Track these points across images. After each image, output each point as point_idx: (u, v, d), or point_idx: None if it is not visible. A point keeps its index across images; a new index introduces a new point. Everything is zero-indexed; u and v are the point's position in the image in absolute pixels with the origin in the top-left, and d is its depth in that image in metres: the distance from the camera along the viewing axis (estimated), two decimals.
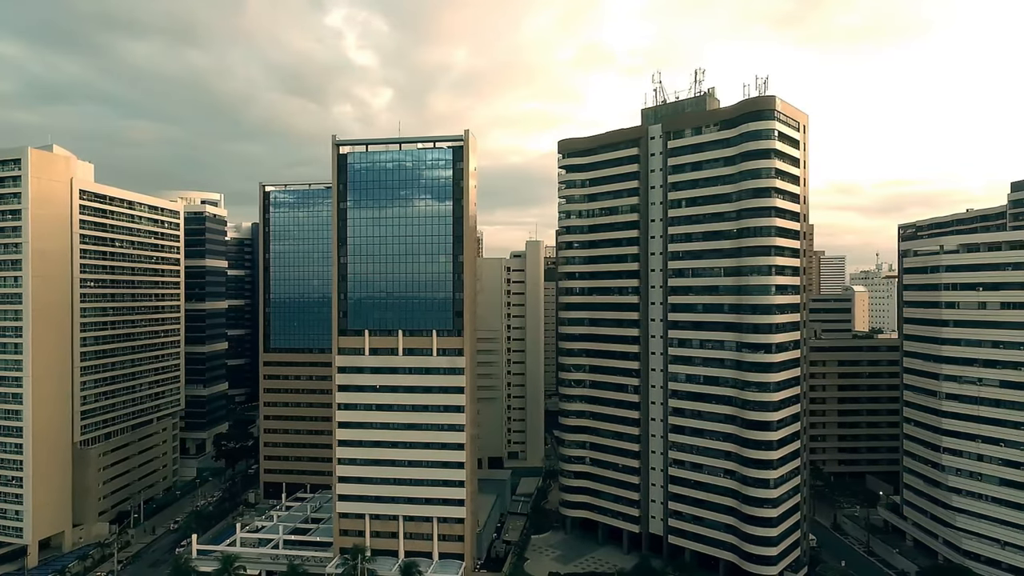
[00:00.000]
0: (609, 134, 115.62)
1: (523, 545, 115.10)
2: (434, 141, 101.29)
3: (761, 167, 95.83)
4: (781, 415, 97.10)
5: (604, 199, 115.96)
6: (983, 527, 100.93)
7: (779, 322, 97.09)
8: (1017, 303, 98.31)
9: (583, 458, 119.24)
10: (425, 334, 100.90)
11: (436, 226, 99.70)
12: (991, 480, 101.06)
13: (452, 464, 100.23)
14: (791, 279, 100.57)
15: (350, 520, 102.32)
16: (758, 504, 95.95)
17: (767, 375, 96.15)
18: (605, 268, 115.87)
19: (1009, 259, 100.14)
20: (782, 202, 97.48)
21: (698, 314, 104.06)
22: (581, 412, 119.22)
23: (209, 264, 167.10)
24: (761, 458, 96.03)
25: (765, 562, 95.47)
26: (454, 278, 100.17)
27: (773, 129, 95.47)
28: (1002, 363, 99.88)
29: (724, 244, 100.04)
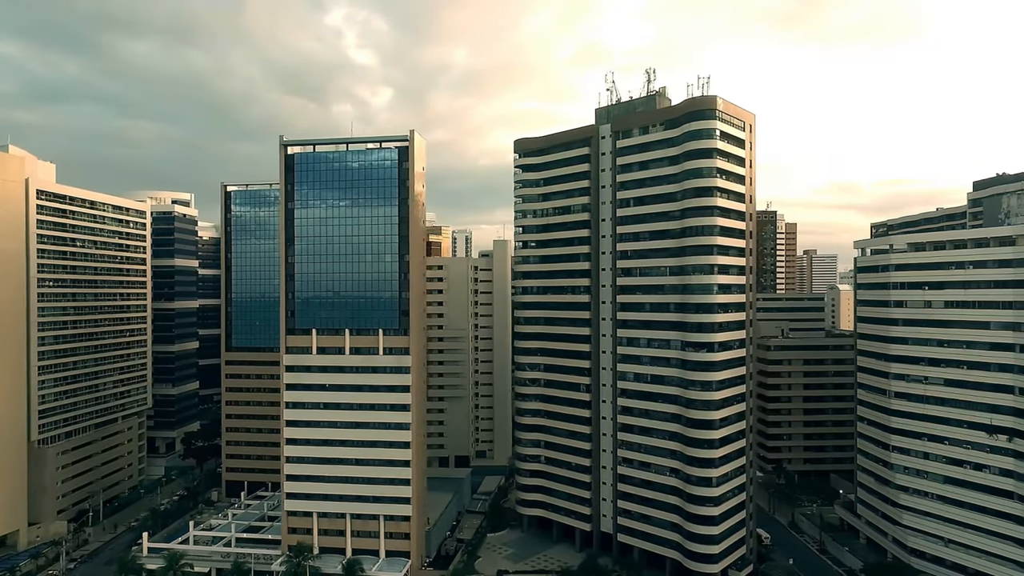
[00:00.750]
0: (562, 134, 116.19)
1: (477, 543, 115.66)
2: (380, 142, 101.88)
3: (703, 166, 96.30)
4: (723, 414, 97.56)
5: (557, 199, 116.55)
6: (928, 525, 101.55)
7: (722, 321, 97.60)
8: (960, 302, 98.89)
9: (538, 457, 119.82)
10: (372, 333, 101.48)
11: (382, 226, 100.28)
12: (936, 478, 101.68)
13: (398, 462, 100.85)
14: (736, 278, 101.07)
15: (299, 518, 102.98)
16: (700, 502, 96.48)
17: (709, 374, 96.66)
18: (558, 267, 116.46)
19: (952, 258, 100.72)
20: (725, 201, 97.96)
21: (645, 313, 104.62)
22: (536, 411, 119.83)
23: (178, 264, 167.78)
24: (703, 456, 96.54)
25: (707, 560, 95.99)
26: (400, 278, 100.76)
27: (714, 129, 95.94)
28: (946, 361, 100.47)
29: (669, 243, 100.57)
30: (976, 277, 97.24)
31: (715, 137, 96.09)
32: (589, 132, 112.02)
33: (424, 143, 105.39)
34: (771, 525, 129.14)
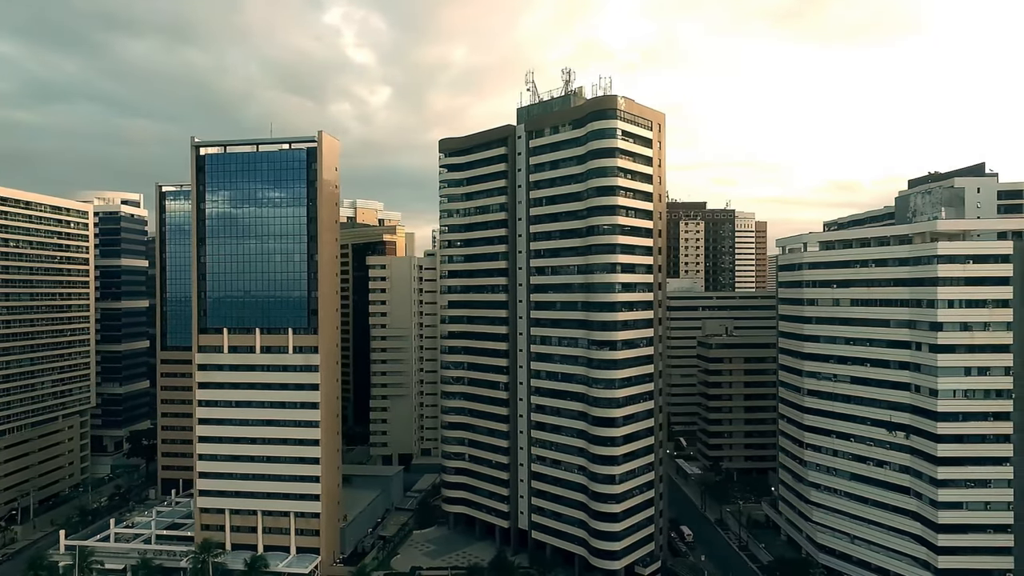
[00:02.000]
0: (482, 133, 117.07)
1: (400, 540, 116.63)
2: (289, 143, 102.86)
3: (605, 166, 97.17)
4: (627, 411, 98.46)
5: (479, 198, 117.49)
6: (836, 521, 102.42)
7: (625, 320, 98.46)
8: (863, 300, 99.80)
9: (462, 455, 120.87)
10: (282, 332, 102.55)
11: (291, 226, 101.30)
12: (843, 475, 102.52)
13: (308, 460, 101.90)
14: (642, 277, 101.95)
15: (212, 515, 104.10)
16: (603, 500, 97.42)
17: (611, 372, 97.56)
18: (479, 267, 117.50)
19: (856, 256, 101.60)
20: (628, 200, 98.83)
21: (556, 312, 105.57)
22: (460, 410, 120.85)
23: (125, 264, 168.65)
24: (606, 454, 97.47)
25: (609, 556, 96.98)
26: (309, 277, 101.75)
27: (615, 128, 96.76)
28: (852, 359, 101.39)
29: (576, 242, 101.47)
30: (877, 275, 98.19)
31: (616, 137, 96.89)
32: (507, 132, 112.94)
33: (337, 144, 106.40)
34: (700, 522, 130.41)
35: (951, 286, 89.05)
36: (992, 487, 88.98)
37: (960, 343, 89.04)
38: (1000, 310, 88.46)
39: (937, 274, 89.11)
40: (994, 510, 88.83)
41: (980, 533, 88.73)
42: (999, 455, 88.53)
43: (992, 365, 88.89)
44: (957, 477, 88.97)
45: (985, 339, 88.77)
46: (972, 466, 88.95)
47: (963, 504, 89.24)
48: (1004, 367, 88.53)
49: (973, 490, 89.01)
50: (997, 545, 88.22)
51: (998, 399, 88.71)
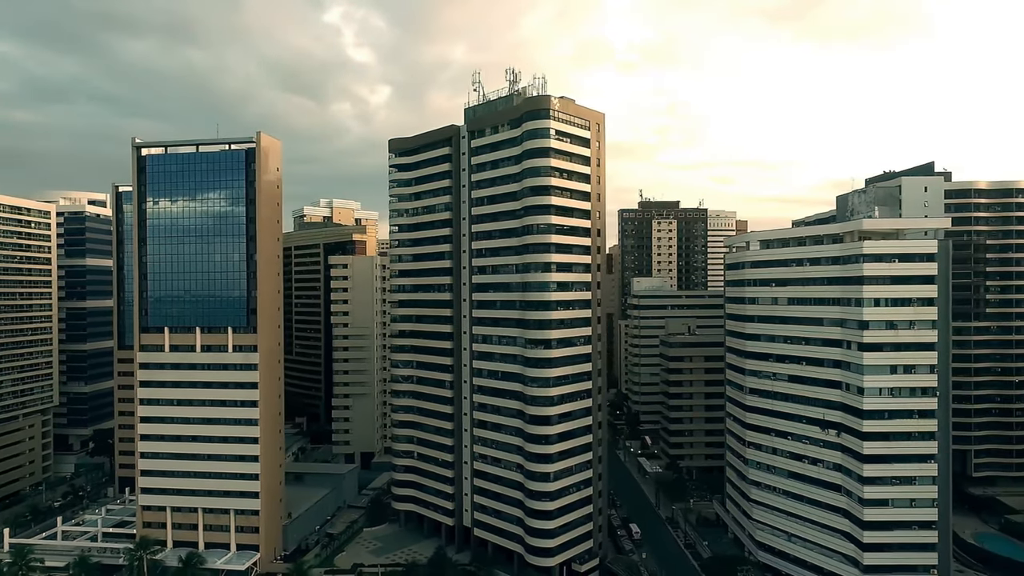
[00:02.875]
0: (429, 133, 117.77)
1: (348, 538, 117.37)
2: (229, 143, 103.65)
3: (539, 166, 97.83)
4: (561, 409, 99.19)
5: (426, 198, 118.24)
6: (774, 519, 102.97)
7: (560, 318, 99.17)
8: (798, 298, 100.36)
9: (412, 453, 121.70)
10: (221, 331, 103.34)
11: (230, 226, 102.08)
12: (781, 473, 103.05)
13: (248, 458, 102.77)
14: (580, 276, 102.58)
15: (154, 512, 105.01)
16: (537, 497, 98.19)
17: (546, 370, 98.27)
18: (426, 266, 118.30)
19: (792, 255, 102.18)
20: (564, 200, 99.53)
21: (496, 311, 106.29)
22: (409, 408, 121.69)
23: (91, 263, 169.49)
24: (540, 452, 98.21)
25: (543, 553, 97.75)
26: (248, 277, 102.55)
27: (548, 128, 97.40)
28: (790, 358, 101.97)
29: (513, 242, 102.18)
30: (811, 274, 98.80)
31: (549, 137, 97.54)
32: (451, 132, 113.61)
33: (279, 144, 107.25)
34: (653, 520, 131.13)
35: (877, 285, 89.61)
36: (917, 484, 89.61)
37: (886, 341, 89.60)
38: (925, 308, 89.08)
39: (863, 273, 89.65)
40: (920, 507, 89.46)
41: (905, 530, 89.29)
42: (925, 453, 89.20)
43: (918, 363, 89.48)
44: (883, 475, 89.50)
45: (911, 337, 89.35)
46: (898, 463, 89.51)
47: (889, 501, 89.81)
48: (929, 365, 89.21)
49: (899, 487, 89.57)
50: (922, 542, 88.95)
51: (924, 397, 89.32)
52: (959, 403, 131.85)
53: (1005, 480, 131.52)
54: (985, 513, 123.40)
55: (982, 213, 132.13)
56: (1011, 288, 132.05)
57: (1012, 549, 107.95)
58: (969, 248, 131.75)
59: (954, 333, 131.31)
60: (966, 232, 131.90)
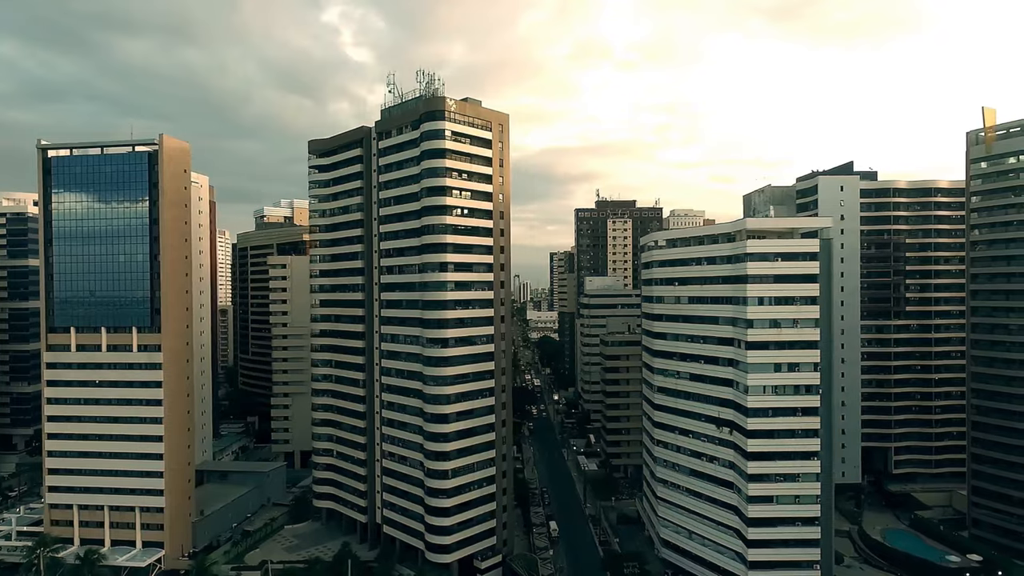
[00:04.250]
0: (343, 135, 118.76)
1: (266, 535, 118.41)
2: (132, 145, 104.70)
3: (436, 166, 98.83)
4: (460, 408, 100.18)
5: (342, 199, 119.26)
6: (676, 516, 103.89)
7: (460, 317, 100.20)
8: (699, 297, 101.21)
9: (331, 451, 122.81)
10: (126, 331, 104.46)
11: (133, 227, 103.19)
12: (683, 471, 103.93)
13: (152, 456, 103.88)
14: (481, 275, 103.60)
15: (61, 510, 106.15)
16: (435, 495, 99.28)
17: (443, 369, 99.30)
18: (341, 267, 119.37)
19: (691, 255, 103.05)
20: (461, 200, 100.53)
21: (401, 310, 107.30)
22: (328, 406, 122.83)
23: (33, 263, 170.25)
24: (438, 450, 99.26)
25: (440, 550, 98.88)
26: (152, 277, 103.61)
27: (444, 129, 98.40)
28: (691, 356, 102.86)
29: (414, 242, 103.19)
30: (708, 273, 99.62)
31: (445, 138, 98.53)
32: (363, 133, 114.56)
33: (187, 147, 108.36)
34: (579, 518, 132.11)
35: (760, 283, 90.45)
36: (801, 481, 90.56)
37: (771, 340, 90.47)
38: (808, 307, 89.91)
39: (746, 272, 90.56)
40: (804, 503, 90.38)
41: (789, 526, 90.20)
42: (808, 450, 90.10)
43: (801, 361, 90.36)
44: (767, 472, 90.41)
45: (794, 336, 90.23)
46: (782, 461, 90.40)
47: (774, 498, 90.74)
48: (813, 363, 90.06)
49: (783, 484, 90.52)
50: (805, 538, 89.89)
51: (807, 395, 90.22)
52: (880, 400, 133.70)
53: (925, 477, 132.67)
54: (900, 509, 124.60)
55: (902, 212, 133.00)
56: (930, 287, 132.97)
57: (915, 545, 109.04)
58: (889, 247, 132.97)
59: (875, 331, 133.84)
60: (886, 231, 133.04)
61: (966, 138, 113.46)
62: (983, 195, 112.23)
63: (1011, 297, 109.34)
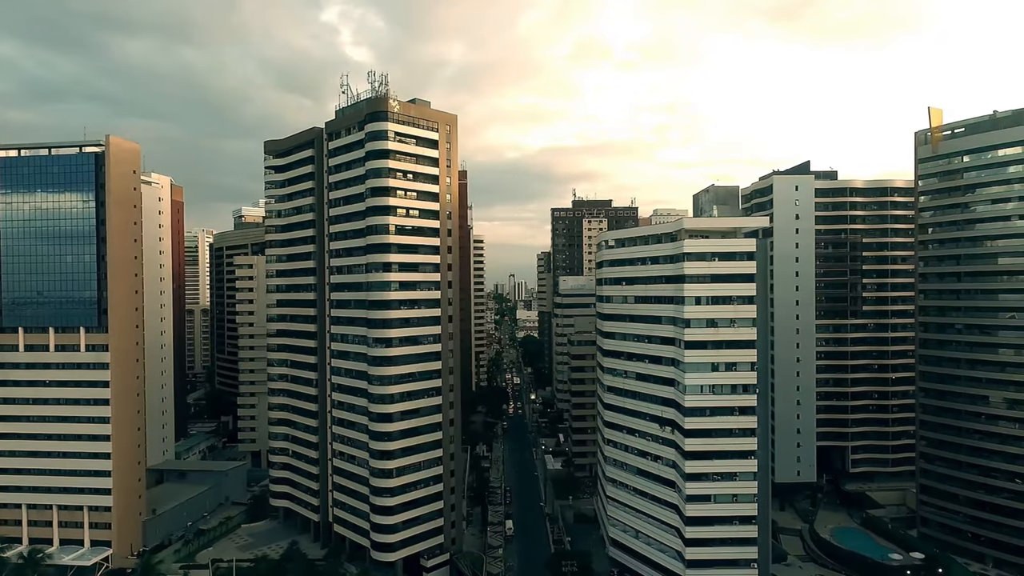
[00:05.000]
0: (297, 135, 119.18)
1: (222, 533, 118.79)
2: (80, 146, 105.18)
3: (379, 167, 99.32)
4: (404, 407, 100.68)
5: (296, 199, 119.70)
6: (623, 516, 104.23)
7: (405, 317, 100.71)
8: (644, 297, 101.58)
9: (287, 450, 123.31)
10: (74, 331, 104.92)
11: (80, 228, 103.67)
12: (631, 470, 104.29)
13: (100, 455, 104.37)
14: (428, 275, 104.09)
15: (9, 510, 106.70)
16: (379, 494, 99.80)
17: (386, 368, 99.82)
18: (295, 267, 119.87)
19: (637, 254, 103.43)
20: (406, 201, 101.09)
21: (350, 310, 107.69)
22: (284, 406, 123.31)
23: None
24: (382, 449, 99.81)
25: (384, 548, 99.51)
26: (99, 278, 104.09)
27: (386, 130, 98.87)
28: (637, 356, 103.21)
29: (360, 242, 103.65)
30: (652, 272, 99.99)
31: (388, 139, 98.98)
32: (315, 134, 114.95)
33: (136, 148, 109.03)
34: (538, 516, 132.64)
35: (697, 283, 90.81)
36: (739, 480, 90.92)
37: (708, 339, 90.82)
38: (745, 306, 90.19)
39: (684, 271, 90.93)
40: (742, 502, 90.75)
41: (727, 525, 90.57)
42: (745, 449, 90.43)
43: (739, 360, 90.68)
44: (705, 471, 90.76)
45: (731, 335, 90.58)
46: (719, 460, 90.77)
47: (712, 497, 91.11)
48: (750, 363, 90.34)
49: (720, 483, 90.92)
50: (743, 536, 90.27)
51: (744, 394, 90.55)
52: (837, 400, 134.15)
53: (883, 476, 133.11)
54: (854, 508, 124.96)
55: (859, 212, 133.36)
56: (887, 286, 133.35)
57: (864, 543, 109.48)
58: (845, 247, 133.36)
59: (832, 331, 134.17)
60: (843, 231, 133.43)
61: (914, 138, 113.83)
62: (930, 195, 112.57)
63: (962, 296, 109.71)
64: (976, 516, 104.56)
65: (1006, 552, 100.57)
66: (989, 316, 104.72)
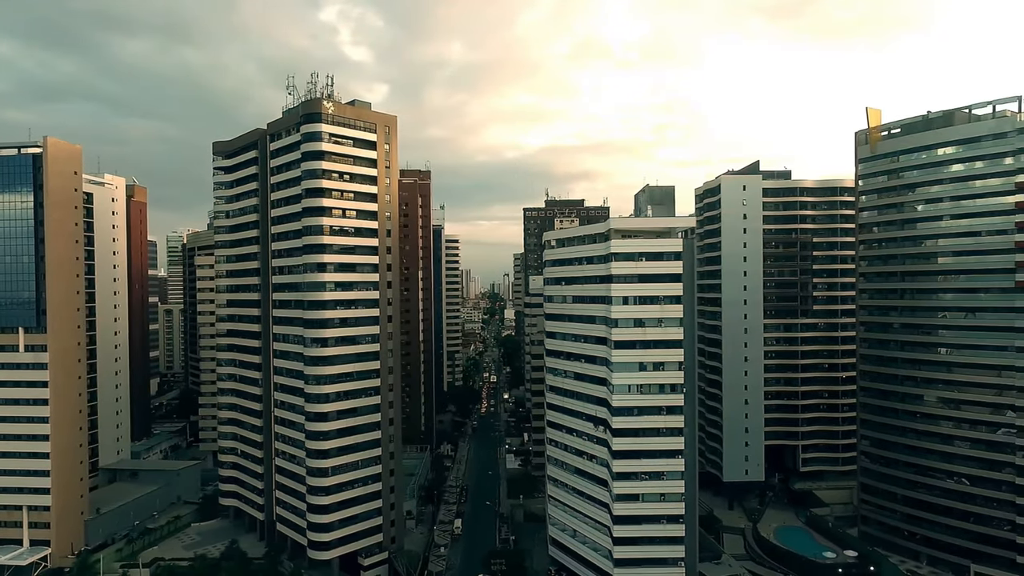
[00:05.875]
0: (244, 136, 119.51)
1: (169, 532, 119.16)
2: (18, 147, 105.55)
3: (314, 168, 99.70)
4: (339, 407, 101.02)
5: (243, 200, 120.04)
6: (562, 515, 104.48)
7: (335, 317, 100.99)
8: (581, 296, 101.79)
9: (235, 449, 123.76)
10: (12, 332, 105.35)
11: (18, 229, 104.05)
12: (570, 470, 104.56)
13: (39, 455, 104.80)
14: (366, 276, 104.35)
15: None
16: (315, 492, 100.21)
17: (321, 368, 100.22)
18: (242, 267, 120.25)
19: (574, 254, 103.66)
20: (342, 202, 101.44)
21: (290, 310, 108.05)
22: (232, 406, 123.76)
23: None
24: (317, 448, 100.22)
25: (320, 547, 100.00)
26: (38, 278, 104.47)
27: (321, 132, 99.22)
28: (575, 356, 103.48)
29: (297, 243, 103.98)
30: (587, 272, 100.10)
31: (322, 140, 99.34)
32: (260, 135, 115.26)
33: (78, 149, 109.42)
34: (489, 515, 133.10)
35: (625, 283, 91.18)
36: (666, 479, 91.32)
37: (636, 339, 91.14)
38: (672, 306, 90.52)
39: (611, 271, 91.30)
40: (669, 501, 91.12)
41: (655, 524, 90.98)
42: (672, 448, 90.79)
43: (666, 360, 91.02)
44: (634, 470, 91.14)
45: (659, 335, 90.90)
46: (647, 459, 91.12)
47: (640, 496, 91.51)
48: (677, 362, 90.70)
49: (648, 482, 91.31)
50: (670, 535, 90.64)
51: (672, 394, 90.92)
52: (788, 399, 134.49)
53: (833, 475, 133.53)
54: (801, 507, 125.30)
55: (809, 211, 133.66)
56: (837, 285, 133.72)
57: (804, 542, 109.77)
58: (796, 246, 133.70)
59: (783, 330, 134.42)
60: (794, 230, 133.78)
61: (855, 138, 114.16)
62: (869, 195, 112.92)
63: (901, 296, 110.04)
64: (912, 515, 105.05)
65: (939, 550, 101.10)
66: (924, 316, 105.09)
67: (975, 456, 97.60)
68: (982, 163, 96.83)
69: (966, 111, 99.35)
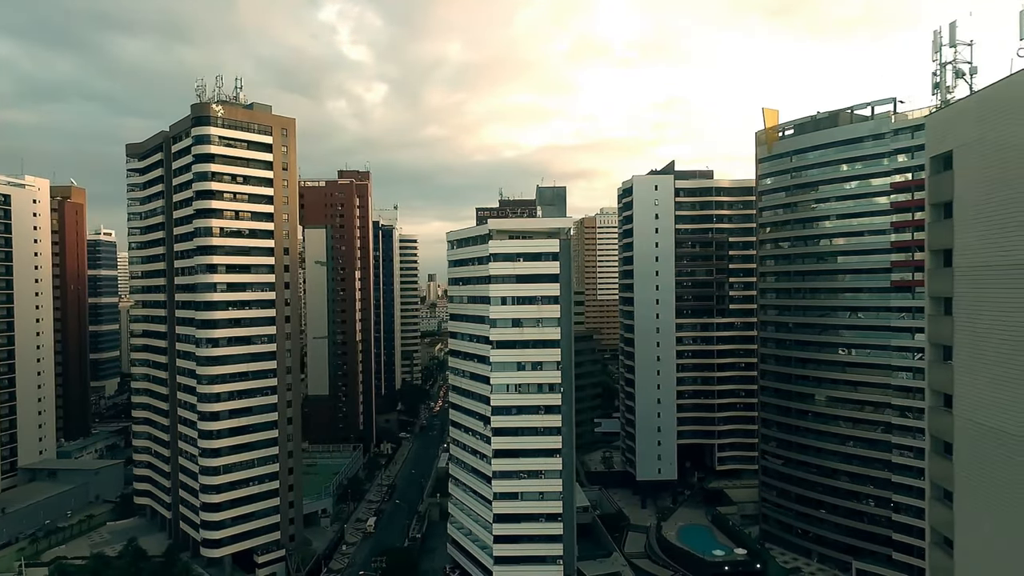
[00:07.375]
0: (152, 139, 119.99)
1: (81, 531, 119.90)
2: None
3: (203, 171, 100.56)
4: (231, 406, 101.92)
5: (152, 201, 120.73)
6: (458, 514, 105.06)
7: (225, 318, 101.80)
8: (473, 297, 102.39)
9: (149, 448, 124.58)
10: None
11: None
12: (466, 468, 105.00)
13: None
14: (261, 277, 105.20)
15: None
16: (206, 490, 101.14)
17: (211, 368, 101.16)
18: (151, 268, 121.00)
19: (466, 255, 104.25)
20: (232, 204, 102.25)
21: (188, 311, 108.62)
22: (146, 405, 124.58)
23: None
24: (208, 447, 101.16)
25: (211, 544, 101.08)
26: None
27: (209, 135, 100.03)
28: (470, 355, 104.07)
29: (191, 245, 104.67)
30: (475, 273, 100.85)
31: (211, 143, 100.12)
32: (166, 137, 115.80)
33: None
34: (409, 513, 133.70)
35: (503, 283, 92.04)
36: (545, 478, 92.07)
37: (514, 339, 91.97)
38: (550, 306, 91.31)
39: (489, 272, 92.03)
40: (548, 500, 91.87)
41: (534, 522, 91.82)
42: (550, 447, 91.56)
43: (544, 360, 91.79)
44: (512, 468, 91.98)
45: (537, 335, 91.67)
46: (525, 458, 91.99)
47: (519, 495, 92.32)
48: (555, 362, 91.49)
49: (527, 481, 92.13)
50: (549, 533, 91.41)
51: (550, 393, 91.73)
52: (704, 398, 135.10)
53: (748, 473, 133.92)
54: (712, 506, 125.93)
55: (725, 211, 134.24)
56: (752, 285, 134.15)
57: (700, 540, 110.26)
58: (711, 246, 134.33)
59: (699, 329, 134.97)
60: (710, 230, 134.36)
61: (755, 138, 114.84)
62: (767, 195, 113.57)
63: (793, 295, 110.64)
64: (803, 512, 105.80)
65: (827, 547, 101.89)
66: (815, 315, 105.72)
67: (858, 455, 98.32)
68: (862, 164, 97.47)
69: (849, 112, 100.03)
